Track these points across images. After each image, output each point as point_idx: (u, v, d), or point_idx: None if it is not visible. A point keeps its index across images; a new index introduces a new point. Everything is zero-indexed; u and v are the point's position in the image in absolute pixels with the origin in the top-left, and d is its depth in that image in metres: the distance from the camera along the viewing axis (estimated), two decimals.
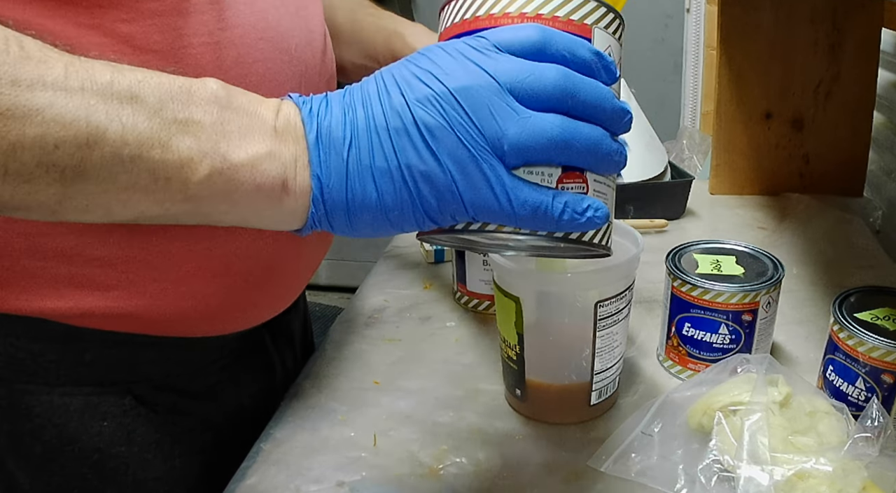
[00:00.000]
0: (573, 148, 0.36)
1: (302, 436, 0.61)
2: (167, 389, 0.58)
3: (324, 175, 0.36)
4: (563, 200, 0.37)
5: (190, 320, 0.55)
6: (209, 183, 0.35)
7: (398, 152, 0.36)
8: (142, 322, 0.53)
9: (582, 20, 0.39)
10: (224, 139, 0.35)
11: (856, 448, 0.47)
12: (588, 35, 0.39)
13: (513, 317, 0.58)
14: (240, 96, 0.37)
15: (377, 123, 0.36)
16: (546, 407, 0.62)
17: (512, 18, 0.39)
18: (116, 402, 0.54)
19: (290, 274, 0.62)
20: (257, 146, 0.36)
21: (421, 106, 0.35)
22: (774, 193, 1.10)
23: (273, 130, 0.36)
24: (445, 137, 0.35)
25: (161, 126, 0.34)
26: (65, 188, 0.33)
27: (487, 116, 0.35)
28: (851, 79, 1.01)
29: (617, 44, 0.42)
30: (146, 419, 0.56)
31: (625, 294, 0.58)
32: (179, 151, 0.34)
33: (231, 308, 0.57)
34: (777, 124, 1.06)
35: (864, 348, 0.53)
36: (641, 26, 2.19)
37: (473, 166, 0.35)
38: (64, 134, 0.32)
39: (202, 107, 0.35)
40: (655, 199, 1.01)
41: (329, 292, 2.79)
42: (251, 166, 0.35)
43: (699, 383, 0.56)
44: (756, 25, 1.01)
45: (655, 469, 0.53)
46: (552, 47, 0.37)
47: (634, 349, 0.71)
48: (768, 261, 0.65)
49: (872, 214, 1.02)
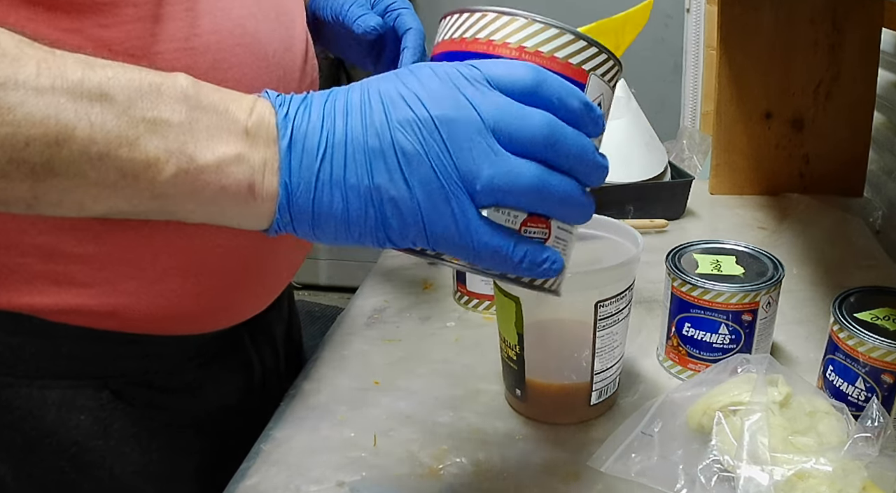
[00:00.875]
0: (544, 197, 0.37)
1: (302, 436, 0.61)
2: (144, 384, 0.58)
3: (292, 183, 0.36)
4: (524, 249, 0.37)
5: (166, 318, 0.55)
6: (175, 182, 0.35)
7: (371, 173, 0.35)
8: (119, 320, 0.53)
9: (580, 65, 0.39)
10: (192, 139, 0.35)
11: (856, 448, 0.47)
12: (584, 80, 0.39)
13: (513, 317, 0.58)
14: (211, 94, 0.36)
15: (355, 140, 0.35)
16: (546, 407, 0.62)
17: (510, 50, 0.38)
18: (93, 396, 0.55)
19: (267, 276, 0.63)
20: (225, 147, 0.35)
21: (401, 129, 0.35)
22: (774, 193, 1.10)
23: (244, 131, 0.36)
24: (420, 165, 0.35)
25: (129, 125, 0.34)
26: (36, 184, 0.34)
27: (466, 151, 0.35)
28: (851, 79, 1.01)
29: (610, 91, 0.41)
30: (123, 413, 0.56)
31: (625, 294, 0.58)
32: (146, 151, 0.34)
33: (207, 308, 0.58)
34: (777, 124, 1.06)
35: (864, 348, 0.53)
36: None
37: (442, 199, 0.35)
38: (34, 132, 0.33)
39: (171, 106, 0.35)
40: (655, 199, 1.01)
41: (329, 292, 2.79)
42: (217, 168, 0.35)
43: (699, 383, 0.56)
44: (756, 25, 1.01)
45: (655, 469, 0.53)
46: (544, 92, 0.36)
47: (635, 349, 0.71)
48: (768, 261, 0.65)
49: (872, 214, 1.02)
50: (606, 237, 0.64)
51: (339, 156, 0.35)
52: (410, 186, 0.35)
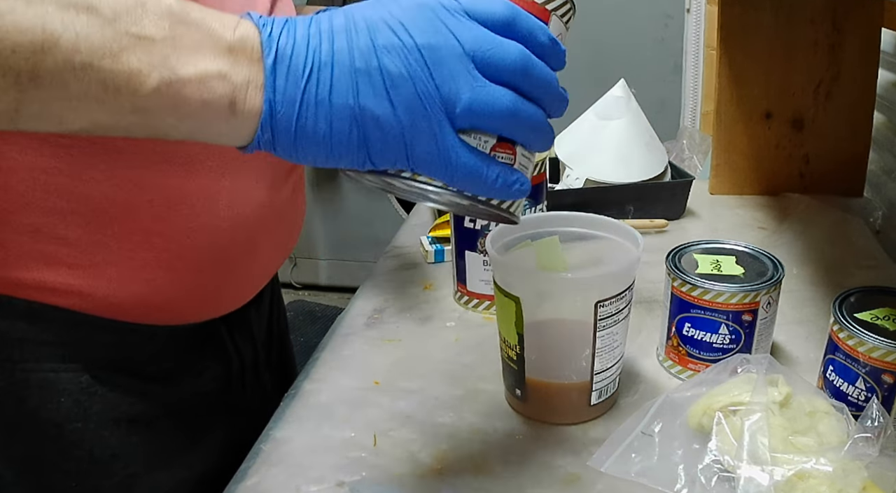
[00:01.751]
0: (517, 123, 0.39)
1: (302, 436, 0.61)
2: (123, 371, 0.59)
3: (276, 101, 0.37)
4: (497, 170, 0.40)
5: (144, 307, 0.57)
6: (157, 96, 0.35)
7: (358, 93, 0.36)
8: (99, 303, 0.55)
9: (544, 4, 0.42)
10: (174, 53, 0.35)
11: (856, 448, 0.47)
12: (546, 19, 0.42)
13: (513, 317, 0.58)
14: (196, 11, 0.37)
15: (341, 61, 0.36)
16: (546, 407, 0.62)
17: None
18: (73, 380, 0.56)
19: (245, 273, 0.64)
20: (207, 63, 0.36)
21: (387, 53, 0.36)
22: (774, 193, 1.10)
23: (227, 48, 0.36)
24: (405, 88, 0.36)
25: (113, 37, 0.35)
26: (20, 94, 0.34)
27: (447, 76, 0.37)
28: (851, 79, 1.01)
29: (566, 32, 0.44)
30: (102, 397, 0.57)
31: (625, 294, 0.58)
32: (129, 63, 0.35)
33: (184, 300, 0.59)
34: (777, 124, 1.06)
35: (864, 348, 0.53)
36: (641, 26, 2.19)
37: (425, 120, 0.37)
38: (20, 39, 0.33)
39: (155, 21, 0.35)
40: (655, 199, 1.01)
41: (329, 292, 2.79)
42: (199, 82, 0.36)
43: (699, 383, 0.56)
44: (756, 25, 1.01)
45: (655, 469, 0.53)
46: (517, 26, 0.39)
47: (635, 349, 0.71)
48: (768, 261, 0.65)
49: (872, 214, 1.02)
50: (606, 237, 0.64)
51: (326, 76, 0.36)
52: (395, 107, 0.37)
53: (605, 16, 2.18)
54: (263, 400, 0.72)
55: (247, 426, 0.66)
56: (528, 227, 0.65)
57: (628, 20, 2.19)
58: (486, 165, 0.39)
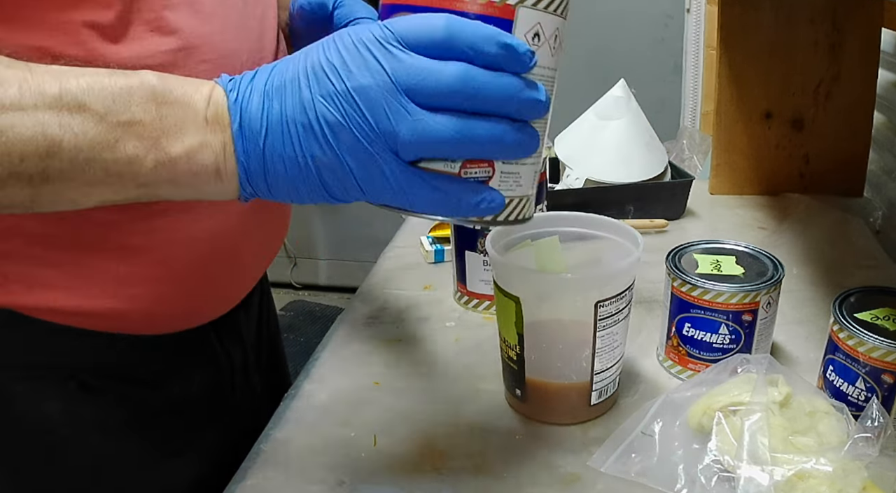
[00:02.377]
0: (469, 145, 0.39)
1: (302, 436, 0.61)
2: (111, 376, 0.59)
3: (246, 162, 0.40)
4: (459, 195, 0.40)
5: (129, 319, 0.57)
6: (155, 174, 0.40)
7: (304, 145, 0.39)
8: (84, 318, 0.55)
9: (503, 1, 0.39)
10: (164, 135, 0.39)
11: (856, 448, 0.47)
12: (510, 16, 0.39)
13: (513, 317, 0.58)
14: (176, 88, 0.40)
15: (287, 117, 0.39)
16: (546, 407, 0.62)
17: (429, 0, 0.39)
18: (60, 385, 0.56)
19: (228, 281, 0.64)
20: (192, 139, 0.40)
21: (323, 102, 0.38)
22: (774, 193, 1.10)
23: (205, 120, 0.40)
24: (344, 134, 0.38)
25: (108, 130, 0.38)
26: (34, 190, 0.39)
27: (382, 115, 0.37)
28: (851, 79, 1.01)
29: (551, 17, 0.41)
30: (90, 403, 0.57)
31: (625, 294, 0.58)
32: (126, 151, 0.39)
33: (168, 311, 0.59)
34: (777, 124, 1.06)
35: (864, 348, 0.53)
36: (641, 26, 2.19)
37: (370, 161, 0.38)
38: (26, 149, 0.37)
39: (142, 106, 0.39)
40: (655, 199, 1.01)
41: (329, 292, 2.79)
42: (188, 157, 0.40)
43: (699, 383, 0.56)
44: (756, 25, 1.01)
45: (655, 469, 0.53)
46: (456, 44, 0.37)
47: (635, 349, 0.71)
48: (768, 261, 0.65)
49: (872, 214, 1.02)
50: (606, 237, 0.64)
51: (277, 133, 0.39)
52: (339, 154, 0.38)
53: (605, 16, 2.19)
54: (253, 402, 0.72)
55: (237, 428, 0.66)
56: (528, 227, 0.65)
57: (628, 20, 2.19)
58: (445, 191, 0.39)
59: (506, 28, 0.39)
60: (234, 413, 0.69)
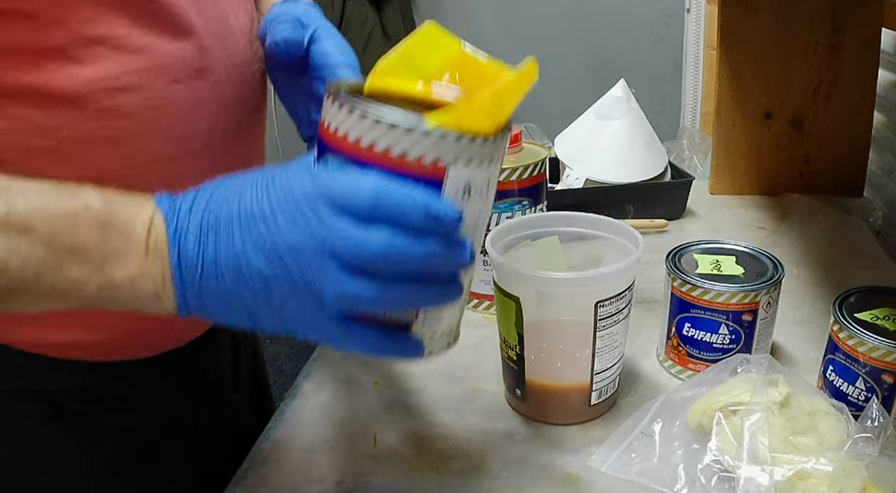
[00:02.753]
0: (389, 303, 0.40)
1: (302, 436, 0.61)
2: (82, 399, 0.58)
3: (183, 293, 0.41)
4: (381, 348, 0.42)
5: (100, 348, 0.57)
6: (98, 295, 0.41)
7: (236, 290, 0.40)
8: (50, 348, 0.55)
9: (434, 162, 0.38)
10: (107, 261, 0.40)
11: (856, 448, 0.47)
12: (440, 176, 0.39)
13: (513, 317, 0.58)
14: (119, 214, 0.40)
15: (221, 261, 0.40)
16: (546, 407, 0.62)
17: (360, 151, 0.38)
18: (32, 407, 0.56)
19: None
20: (133, 267, 0.40)
21: (254, 253, 0.39)
22: (774, 193, 1.10)
23: (145, 249, 0.41)
24: (273, 285, 0.39)
25: (54, 254, 0.39)
26: None
27: (309, 273, 0.39)
28: (851, 79, 1.01)
29: (483, 171, 0.40)
30: (62, 425, 0.57)
31: (625, 294, 0.58)
32: (70, 274, 0.40)
33: (140, 338, 0.59)
34: (777, 124, 1.06)
35: (864, 348, 0.53)
36: (641, 26, 2.19)
37: (298, 310, 0.40)
38: None
39: (86, 231, 0.40)
40: (655, 199, 1.00)
41: None
42: (130, 283, 0.41)
43: (699, 383, 0.56)
44: (756, 25, 1.01)
45: (655, 469, 0.53)
46: (382, 212, 0.38)
47: (635, 349, 0.71)
48: (768, 261, 0.65)
49: (872, 215, 1.02)
50: (606, 237, 0.64)
51: (211, 274, 0.40)
52: (270, 302, 0.40)
53: (605, 16, 2.19)
54: (235, 419, 0.71)
55: (216, 446, 0.66)
56: (528, 227, 0.65)
57: (628, 20, 2.19)
58: (371, 343, 0.41)
59: (436, 187, 0.39)
60: (215, 431, 0.68)
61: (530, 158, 0.75)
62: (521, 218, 0.68)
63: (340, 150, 0.39)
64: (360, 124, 0.38)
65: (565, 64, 2.27)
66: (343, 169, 0.39)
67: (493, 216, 0.74)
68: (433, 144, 0.38)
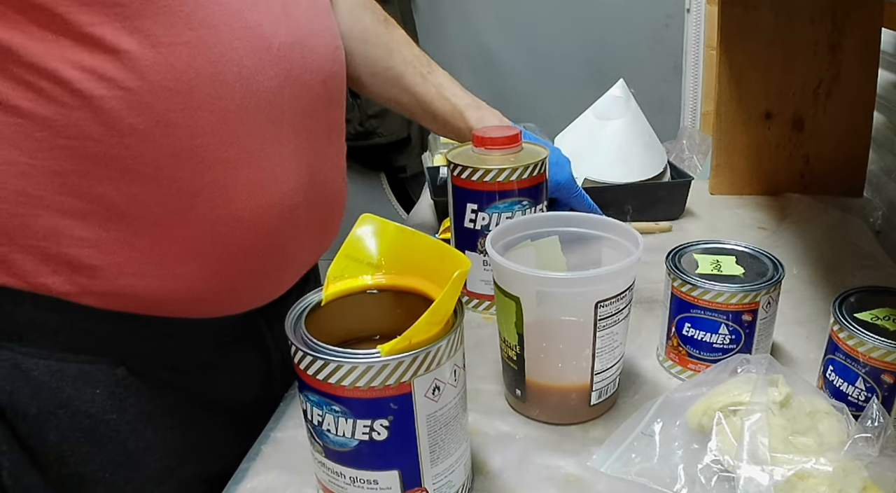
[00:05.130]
0: None
1: (302, 437, 0.61)
2: (159, 364, 0.59)
3: None
4: None
5: (174, 301, 0.57)
6: None
7: None
8: (127, 301, 0.55)
9: (398, 381, 0.44)
10: None
11: (856, 448, 0.47)
12: (408, 390, 0.44)
13: (513, 317, 0.58)
14: None
15: None
16: (546, 407, 0.62)
17: (332, 387, 0.44)
18: (109, 371, 0.57)
19: (276, 264, 0.64)
20: None
21: None
22: (774, 193, 1.10)
23: None
24: None
25: None
26: None
27: None
28: (851, 79, 1.01)
29: (447, 365, 0.46)
30: (137, 390, 0.58)
31: (625, 294, 0.58)
32: None
33: (216, 292, 0.59)
34: (777, 124, 1.06)
35: (865, 348, 0.53)
36: (641, 26, 2.19)
37: None
38: None
39: None
40: (655, 199, 1.01)
41: None
42: None
43: (699, 384, 0.56)
44: (756, 25, 1.01)
45: (655, 469, 0.53)
46: None
47: (635, 349, 0.71)
48: (768, 261, 0.65)
49: (872, 215, 1.02)
50: (606, 237, 0.64)
51: None
52: None
53: (605, 16, 2.19)
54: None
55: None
56: (528, 227, 0.65)
57: (628, 20, 2.19)
58: None
59: (407, 400, 0.44)
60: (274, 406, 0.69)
61: (530, 158, 0.75)
62: (521, 218, 0.68)
63: (317, 387, 0.45)
64: (326, 368, 0.43)
65: (565, 64, 2.27)
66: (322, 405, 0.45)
67: (494, 216, 0.74)
68: (393, 369, 0.43)
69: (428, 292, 0.49)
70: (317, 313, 0.50)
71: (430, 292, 0.49)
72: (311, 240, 0.68)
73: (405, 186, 2.45)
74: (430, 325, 0.44)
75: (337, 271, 0.51)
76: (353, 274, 0.52)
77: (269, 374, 0.68)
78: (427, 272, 0.50)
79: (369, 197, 2.51)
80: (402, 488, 0.47)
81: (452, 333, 0.46)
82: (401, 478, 0.47)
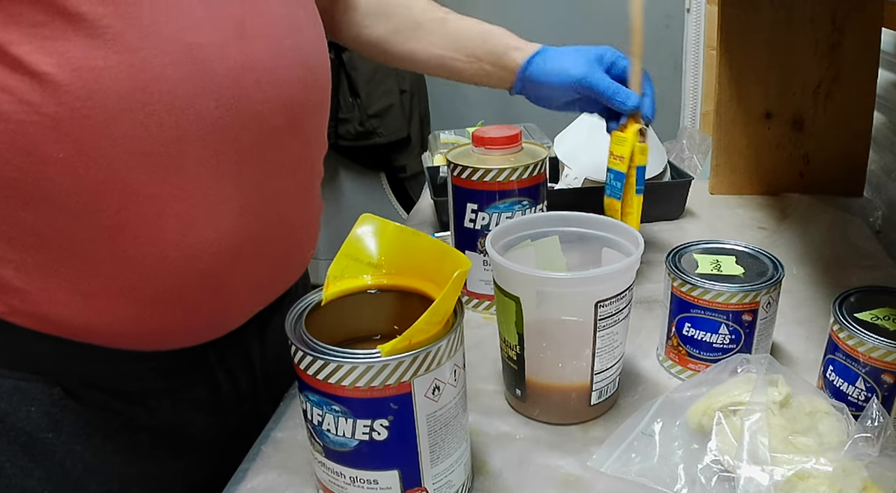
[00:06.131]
0: None
1: (302, 437, 0.61)
2: (97, 387, 0.57)
3: None
4: None
5: (105, 334, 0.55)
6: None
7: None
8: (58, 326, 0.53)
9: (398, 381, 0.44)
10: None
11: (856, 448, 0.47)
12: (407, 390, 0.44)
13: (513, 317, 0.58)
14: None
15: None
16: (546, 407, 0.62)
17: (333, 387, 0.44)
18: (45, 390, 0.55)
19: (211, 306, 0.59)
20: None
21: None
22: (774, 193, 1.10)
23: None
24: None
25: None
26: None
27: None
28: (851, 79, 1.01)
29: (447, 365, 0.46)
30: (74, 411, 0.56)
31: (625, 294, 0.58)
32: None
33: (145, 330, 0.56)
34: (777, 124, 1.06)
35: (864, 348, 0.53)
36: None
37: None
38: None
39: None
40: (655, 199, 1.00)
41: None
42: None
43: (699, 383, 0.56)
44: (756, 25, 1.01)
45: (655, 469, 0.53)
46: None
47: (635, 349, 0.71)
48: (768, 261, 0.65)
49: (872, 214, 1.02)
50: (606, 237, 0.64)
51: None
52: None
53: (605, 16, 2.18)
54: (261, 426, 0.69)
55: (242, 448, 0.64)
56: (528, 227, 0.65)
57: (629, 20, 2.19)
58: None
59: (407, 399, 0.45)
60: (241, 435, 0.65)
61: (530, 158, 0.75)
62: (521, 218, 0.67)
63: (317, 387, 0.45)
64: (326, 368, 0.44)
65: None
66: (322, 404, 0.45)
67: (494, 216, 0.74)
68: (393, 369, 0.43)
69: (428, 291, 0.49)
70: (317, 313, 0.50)
71: (430, 291, 0.49)
72: (262, 279, 0.62)
73: (405, 186, 2.45)
74: (430, 325, 0.44)
75: (337, 271, 0.51)
76: (353, 274, 0.51)
77: (220, 405, 0.65)
78: (427, 272, 0.50)
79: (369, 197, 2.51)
80: (402, 488, 0.47)
81: (452, 333, 0.46)
82: (401, 478, 0.47)
